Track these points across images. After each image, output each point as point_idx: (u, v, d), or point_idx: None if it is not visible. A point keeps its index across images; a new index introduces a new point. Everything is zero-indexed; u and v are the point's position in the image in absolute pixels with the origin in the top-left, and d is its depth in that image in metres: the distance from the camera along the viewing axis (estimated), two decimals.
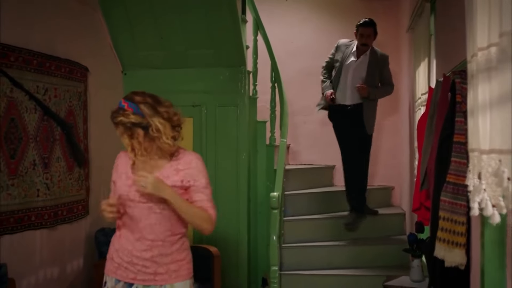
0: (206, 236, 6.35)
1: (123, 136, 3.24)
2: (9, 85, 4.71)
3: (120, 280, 3.32)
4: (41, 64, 5.13)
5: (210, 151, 6.48)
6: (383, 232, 6.85)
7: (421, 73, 5.74)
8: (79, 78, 5.71)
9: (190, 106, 6.52)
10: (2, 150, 4.61)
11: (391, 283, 4.85)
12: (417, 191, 4.63)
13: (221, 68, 6.47)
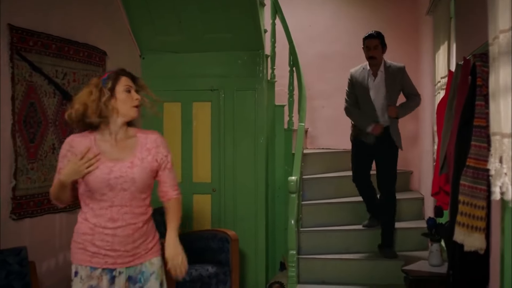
0: (224, 220, 6.39)
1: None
2: (28, 69, 4.73)
3: (97, 267, 3.23)
4: (60, 49, 5.14)
5: (228, 135, 6.49)
6: (402, 217, 6.82)
7: (440, 57, 5.68)
8: (97, 62, 5.72)
9: (208, 90, 6.53)
10: (22, 134, 4.64)
11: (409, 268, 4.83)
12: (436, 175, 4.61)
13: (239, 52, 6.46)
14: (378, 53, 6.11)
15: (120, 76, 3.31)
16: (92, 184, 3.18)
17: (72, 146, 3.24)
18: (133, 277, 3.30)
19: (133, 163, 3.27)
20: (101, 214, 3.22)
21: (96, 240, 3.22)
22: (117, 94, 3.27)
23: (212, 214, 6.55)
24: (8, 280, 4.17)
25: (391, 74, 6.13)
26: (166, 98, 6.57)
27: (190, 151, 6.58)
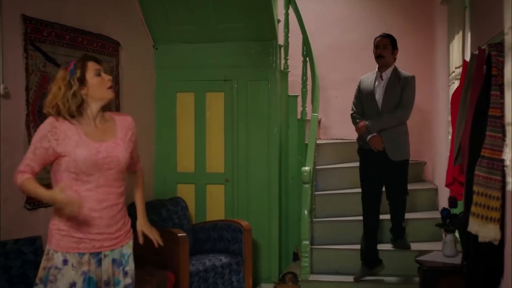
0: (237, 210, 6.40)
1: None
2: (42, 59, 4.74)
3: (85, 252, 3.24)
4: (74, 39, 5.15)
5: (241, 125, 6.49)
6: (415, 207, 6.80)
7: (455, 46, 5.65)
8: (111, 52, 5.73)
9: (221, 81, 6.53)
10: (36, 125, 4.65)
11: (423, 258, 4.81)
12: (450, 166, 4.58)
13: (252, 42, 6.45)
14: (387, 53, 5.77)
15: (87, 62, 3.30)
16: (81, 165, 3.19)
17: (54, 127, 3.20)
18: (117, 259, 3.36)
19: (116, 144, 3.34)
20: (87, 196, 3.22)
21: (83, 224, 3.23)
22: (89, 80, 3.27)
23: (226, 204, 6.57)
24: (23, 269, 4.20)
25: (396, 79, 5.76)
26: (179, 88, 6.61)
27: (204, 141, 6.59)
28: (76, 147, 3.19)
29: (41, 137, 3.20)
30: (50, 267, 3.22)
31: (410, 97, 5.77)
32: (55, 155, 3.21)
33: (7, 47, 4.35)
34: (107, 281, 3.31)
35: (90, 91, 3.26)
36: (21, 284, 4.17)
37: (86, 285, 3.24)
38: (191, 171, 6.64)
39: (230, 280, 5.69)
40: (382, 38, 5.82)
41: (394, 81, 5.75)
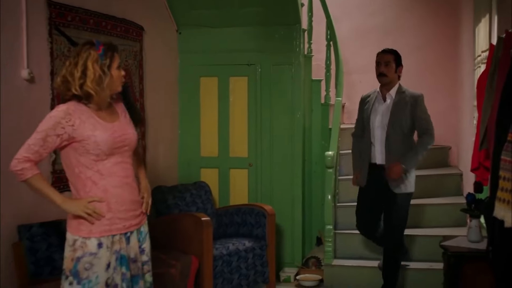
0: (260, 195, 6.41)
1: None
2: (66, 44, 4.76)
3: (116, 234, 3.33)
4: (98, 24, 5.17)
5: (264, 110, 6.48)
6: (440, 192, 6.76)
7: (481, 30, 5.58)
8: (134, 37, 5.74)
9: (244, 65, 6.52)
10: None
11: (448, 243, 4.79)
12: (476, 151, 4.54)
13: (276, 27, 6.43)
14: (389, 71, 5.20)
15: (115, 53, 3.36)
16: (102, 147, 3.26)
17: (69, 113, 3.24)
18: (139, 237, 3.48)
19: (124, 123, 3.45)
20: (110, 174, 3.31)
21: (111, 203, 3.31)
22: (112, 71, 3.33)
23: (249, 188, 6.58)
24: (49, 252, 4.24)
25: (402, 101, 5.19)
26: (202, 73, 6.61)
27: (227, 126, 6.60)
28: (94, 130, 3.26)
29: (55, 124, 3.22)
30: (82, 256, 3.25)
31: (428, 117, 5.23)
32: (69, 141, 3.26)
33: (32, 32, 4.38)
34: (134, 259, 3.41)
35: (109, 82, 3.31)
36: (47, 266, 4.21)
37: (119, 263, 3.32)
38: (215, 155, 6.65)
39: (254, 264, 5.70)
40: (384, 54, 5.26)
41: (400, 103, 5.19)
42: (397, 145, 5.17)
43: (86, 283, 3.23)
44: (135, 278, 3.41)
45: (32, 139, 3.23)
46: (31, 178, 3.23)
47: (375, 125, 5.25)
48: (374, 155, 5.29)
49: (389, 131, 5.18)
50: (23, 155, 3.21)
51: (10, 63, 4.20)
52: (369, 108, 5.32)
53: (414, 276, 5.79)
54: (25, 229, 4.17)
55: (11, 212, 4.17)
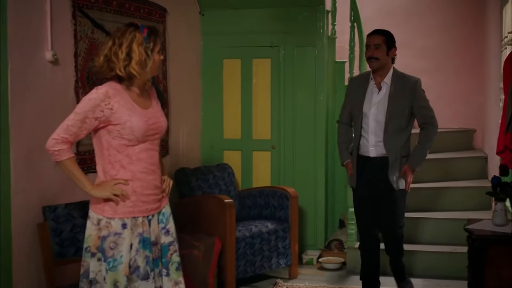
0: (283, 177, 6.40)
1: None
2: (90, 26, 4.76)
3: (138, 216, 3.37)
4: (121, 5, 5.16)
5: (288, 92, 6.46)
6: (464, 176, 6.71)
7: (508, 10, 5.50)
8: (157, 19, 5.73)
9: (268, 47, 6.50)
10: (85, 91, 4.69)
11: (472, 227, 4.74)
12: (502, 134, 4.49)
13: (299, 8, 6.39)
14: (380, 54, 4.79)
15: (157, 39, 3.41)
16: (136, 132, 3.30)
17: (108, 96, 3.27)
18: (160, 219, 3.52)
19: (156, 110, 3.48)
20: (139, 159, 3.36)
21: (136, 186, 3.35)
22: (154, 55, 3.38)
23: (272, 171, 6.57)
24: (73, 233, 4.28)
25: (400, 88, 4.81)
26: (225, 55, 6.60)
27: (250, 108, 6.59)
28: (131, 116, 3.30)
29: (94, 106, 3.26)
30: (107, 235, 3.32)
31: (429, 105, 4.91)
32: (105, 124, 3.30)
33: (56, 14, 4.38)
34: (154, 241, 3.44)
35: (152, 65, 3.37)
36: (71, 247, 4.24)
37: (142, 246, 3.36)
38: (238, 137, 6.65)
39: (276, 247, 5.71)
40: (373, 36, 4.86)
41: (398, 91, 4.81)
42: (396, 138, 4.82)
43: (111, 261, 3.29)
44: (155, 261, 3.45)
45: (71, 120, 3.27)
46: (66, 160, 3.29)
47: (370, 117, 4.83)
48: (365, 148, 4.89)
49: (387, 124, 4.79)
50: (61, 136, 3.26)
51: (35, 45, 4.21)
52: (360, 97, 4.89)
53: (438, 259, 5.77)
54: (50, 210, 4.20)
55: (36, 193, 4.20)
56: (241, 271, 5.43)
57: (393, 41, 4.87)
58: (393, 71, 4.88)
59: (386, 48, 4.82)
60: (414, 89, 4.83)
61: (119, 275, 3.29)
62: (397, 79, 4.84)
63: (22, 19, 4.07)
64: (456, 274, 5.48)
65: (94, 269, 3.34)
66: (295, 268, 5.89)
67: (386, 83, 4.84)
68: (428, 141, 4.90)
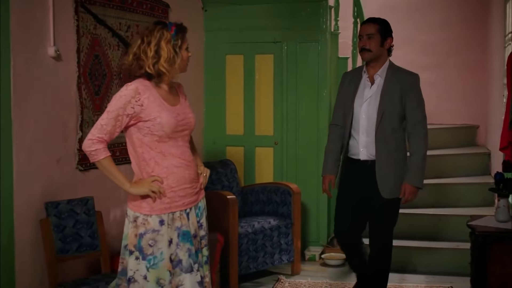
0: (286, 173, 6.40)
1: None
2: (92, 22, 4.76)
3: (176, 211, 3.40)
4: (124, 1, 5.15)
5: (290, 87, 6.45)
6: (467, 172, 6.71)
7: None
8: (160, 14, 5.72)
9: (270, 43, 6.48)
10: (87, 87, 4.70)
11: (475, 223, 4.74)
12: (505, 129, 4.49)
13: (302, 3, 6.37)
14: (373, 45, 4.35)
15: (185, 35, 3.44)
16: (166, 129, 3.33)
17: (138, 93, 3.32)
18: (196, 213, 3.55)
19: (184, 106, 3.51)
20: (172, 154, 3.38)
21: (172, 181, 3.38)
22: (182, 52, 3.41)
23: (275, 167, 6.56)
24: (76, 229, 4.28)
25: (395, 82, 4.34)
26: (228, 51, 6.59)
27: (253, 104, 6.58)
28: (160, 112, 3.33)
29: (126, 103, 3.30)
30: (145, 233, 3.34)
31: (423, 106, 4.41)
32: (136, 120, 3.34)
33: (58, 10, 4.37)
34: (194, 234, 3.49)
35: (180, 63, 3.40)
36: (74, 243, 4.25)
37: (182, 239, 3.40)
38: (240, 133, 6.64)
39: (279, 243, 5.71)
40: (366, 25, 4.43)
41: (392, 85, 4.34)
42: (388, 139, 4.34)
43: (152, 259, 3.32)
44: (196, 253, 3.48)
45: (104, 119, 3.31)
46: (103, 159, 3.32)
47: (360, 114, 4.37)
48: (355, 150, 4.43)
49: (379, 122, 4.31)
50: (97, 136, 3.30)
51: (37, 40, 4.21)
52: (352, 91, 4.43)
53: (441, 255, 5.77)
54: (53, 206, 4.21)
55: (39, 189, 4.20)
56: (244, 267, 5.43)
57: (388, 30, 4.45)
58: (389, 63, 4.45)
59: (381, 38, 4.38)
60: (410, 85, 4.36)
61: (161, 272, 3.32)
62: (392, 73, 4.39)
63: (25, 14, 4.07)
64: (459, 270, 5.48)
65: (132, 268, 3.35)
66: (298, 264, 5.88)
67: (380, 76, 4.38)
68: (422, 149, 4.33)
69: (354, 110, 4.40)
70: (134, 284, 3.34)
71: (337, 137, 4.54)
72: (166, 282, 3.32)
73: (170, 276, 3.34)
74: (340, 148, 4.54)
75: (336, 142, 4.55)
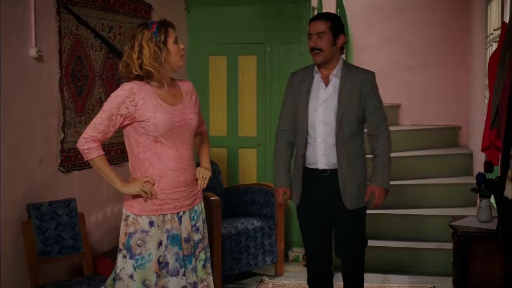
0: (269, 174, 6.41)
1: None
2: (74, 22, 4.73)
3: (167, 213, 3.39)
4: (106, 2, 5.13)
5: (274, 89, 6.45)
6: (449, 173, 6.74)
7: (494, 8, 5.52)
8: (143, 15, 5.70)
9: (253, 44, 6.48)
10: (69, 88, 4.67)
11: (457, 223, 4.77)
12: (486, 130, 4.52)
13: (285, 4, 6.37)
14: (324, 44, 3.91)
15: (169, 28, 3.41)
16: (160, 129, 3.32)
17: (133, 93, 3.32)
18: (192, 216, 3.51)
19: (185, 106, 3.47)
20: (167, 156, 3.37)
21: (164, 184, 3.37)
22: (169, 46, 3.39)
23: (258, 168, 6.56)
24: (58, 231, 4.25)
25: (351, 83, 3.95)
26: (211, 52, 6.58)
27: (236, 105, 6.57)
28: (155, 112, 3.32)
29: (119, 103, 3.31)
30: (134, 232, 3.35)
31: (382, 105, 4.10)
32: (132, 120, 3.34)
33: (40, 10, 4.35)
34: (187, 238, 3.46)
35: (167, 57, 3.36)
36: (56, 245, 4.22)
37: (171, 241, 3.38)
38: (224, 135, 6.63)
39: (262, 244, 5.70)
40: (315, 23, 3.96)
41: (348, 86, 3.95)
42: (349, 144, 3.97)
43: (140, 259, 3.32)
44: (188, 258, 3.46)
45: (98, 119, 3.32)
46: (95, 158, 3.32)
47: (316, 118, 3.96)
48: (312, 159, 4.01)
49: (338, 126, 3.92)
50: (90, 134, 3.31)
51: (19, 41, 4.18)
52: (304, 94, 4.02)
53: (424, 256, 5.79)
54: (34, 207, 4.18)
55: (21, 190, 4.17)
56: (227, 268, 5.43)
57: (339, 27, 3.99)
58: (342, 62, 4.03)
59: (332, 36, 3.93)
60: (370, 85, 4.00)
61: (147, 273, 3.32)
62: (348, 72, 3.99)
63: (6, 15, 4.03)
64: (441, 270, 5.51)
65: (119, 265, 3.38)
66: (281, 265, 5.88)
67: (335, 75, 3.98)
68: (387, 151, 4.05)
69: (309, 115, 3.97)
70: (119, 282, 3.36)
71: (286, 146, 4.14)
72: (152, 284, 3.32)
73: (157, 278, 3.35)
74: (290, 157, 4.15)
75: (286, 151, 4.15)
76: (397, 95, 7.56)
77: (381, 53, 7.70)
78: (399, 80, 7.49)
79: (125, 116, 3.32)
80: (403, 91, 7.52)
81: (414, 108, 7.73)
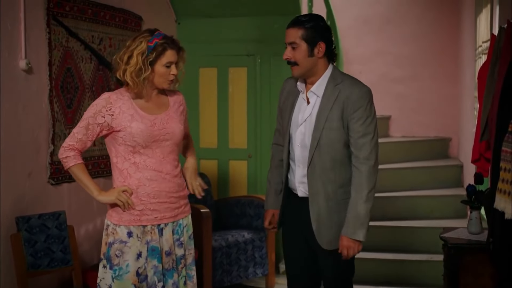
0: (260, 186, 6.40)
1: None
2: (65, 34, 4.73)
3: (146, 224, 3.35)
4: (96, 14, 5.13)
5: (264, 100, 6.45)
6: (440, 184, 6.75)
7: (482, 20, 5.55)
8: (133, 27, 5.70)
9: (244, 56, 6.48)
10: (59, 100, 4.66)
11: (448, 235, 4.77)
12: (476, 142, 4.53)
13: (275, 16, 6.38)
14: (299, 56, 3.34)
15: (167, 51, 3.35)
16: (137, 138, 3.29)
17: (110, 102, 3.32)
18: (176, 230, 3.45)
19: (169, 116, 3.43)
20: (145, 165, 3.34)
21: (142, 194, 3.33)
22: (156, 67, 3.34)
23: (248, 180, 6.55)
24: (48, 243, 4.23)
25: (335, 101, 3.31)
26: (202, 64, 6.58)
27: (226, 117, 6.57)
28: (131, 121, 3.30)
29: (96, 112, 3.31)
30: (113, 242, 3.33)
31: (374, 132, 3.34)
32: (110, 130, 3.33)
33: (30, 22, 4.35)
34: (168, 251, 3.41)
35: (149, 76, 3.32)
36: (45, 258, 4.20)
37: (150, 254, 3.34)
38: (214, 146, 6.62)
39: (253, 256, 5.69)
40: (288, 30, 3.38)
41: (329, 106, 3.31)
42: (327, 174, 3.36)
43: (117, 269, 3.30)
44: (169, 272, 3.42)
45: (77, 128, 3.33)
46: (73, 167, 3.32)
47: (295, 141, 3.44)
48: (292, 183, 3.52)
49: (312, 152, 3.34)
50: (68, 143, 3.32)
51: (8, 53, 4.18)
52: (288, 109, 3.50)
53: (414, 268, 5.78)
54: (24, 220, 4.15)
55: (10, 203, 4.15)
56: (218, 280, 5.41)
57: (318, 34, 3.32)
58: (330, 74, 3.40)
59: (308, 46, 3.32)
60: (356, 105, 3.29)
61: (125, 284, 3.29)
62: (333, 87, 3.34)
63: None
64: (432, 282, 5.50)
65: (100, 275, 3.36)
66: (272, 277, 5.87)
67: (315, 93, 3.39)
68: (364, 191, 3.29)
69: (290, 135, 3.47)
70: None
71: (278, 163, 3.65)
72: None
73: None
74: (282, 175, 3.60)
75: (278, 169, 3.65)
76: (388, 107, 7.57)
77: (371, 65, 7.71)
78: (389, 92, 7.50)
79: (102, 125, 3.31)
80: (393, 103, 7.53)
81: (405, 120, 7.74)
